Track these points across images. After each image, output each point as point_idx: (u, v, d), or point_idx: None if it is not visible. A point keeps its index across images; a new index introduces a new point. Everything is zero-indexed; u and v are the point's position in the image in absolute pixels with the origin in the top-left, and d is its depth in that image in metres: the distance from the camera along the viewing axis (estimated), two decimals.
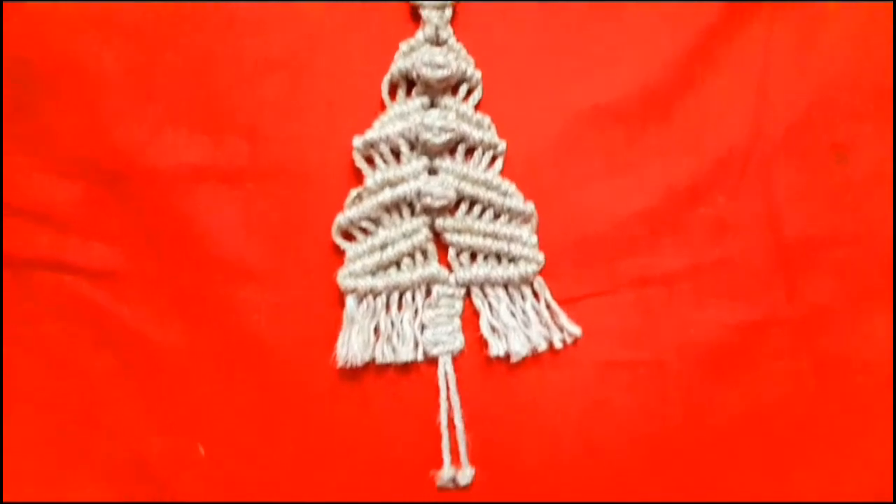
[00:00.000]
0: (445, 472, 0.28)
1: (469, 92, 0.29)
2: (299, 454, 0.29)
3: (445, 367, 0.28)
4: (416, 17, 0.29)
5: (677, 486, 0.29)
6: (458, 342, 0.29)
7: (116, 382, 0.29)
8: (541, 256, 0.29)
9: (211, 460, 0.29)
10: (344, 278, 0.28)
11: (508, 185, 0.29)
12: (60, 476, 0.29)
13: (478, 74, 0.29)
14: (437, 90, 0.29)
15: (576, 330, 0.29)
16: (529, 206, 0.29)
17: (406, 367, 0.29)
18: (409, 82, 0.29)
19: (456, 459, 0.29)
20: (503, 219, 0.29)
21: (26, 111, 0.29)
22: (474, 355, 0.29)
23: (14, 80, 0.28)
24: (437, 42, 0.29)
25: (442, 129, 0.28)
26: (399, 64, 0.29)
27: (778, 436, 0.29)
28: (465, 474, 0.28)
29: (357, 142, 0.28)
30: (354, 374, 0.28)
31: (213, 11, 0.29)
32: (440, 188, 0.28)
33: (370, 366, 0.28)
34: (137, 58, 0.29)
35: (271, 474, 0.29)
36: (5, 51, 0.28)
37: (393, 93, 0.29)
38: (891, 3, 0.31)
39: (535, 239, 0.29)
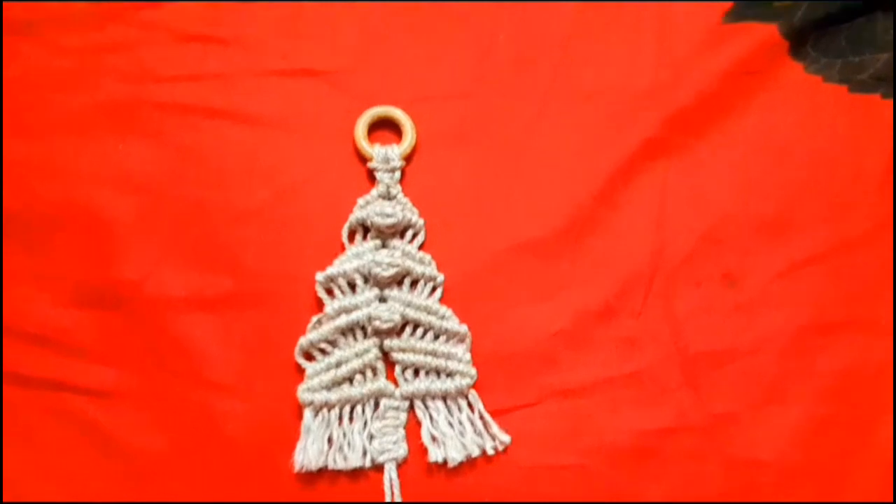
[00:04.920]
0: None
1: (414, 235, 0.35)
2: None
3: (391, 473, 0.32)
4: (371, 178, 0.36)
5: None
6: (402, 450, 0.32)
7: (111, 490, 0.32)
8: (474, 372, 0.33)
9: None
10: (303, 392, 0.33)
11: (446, 311, 0.34)
12: None
13: (421, 221, 0.35)
14: (388, 235, 0.35)
15: (506, 438, 0.33)
16: (464, 328, 0.34)
17: (356, 473, 0.32)
18: (365, 228, 0.35)
19: None
20: (442, 339, 0.34)
21: (40, 247, 0.35)
22: (417, 461, 0.33)
23: (30, 221, 0.35)
24: (388, 197, 0.36)
25: (390, 265, 0.34)
26: (357, 214, 0.35)
27: None
28: None
29: (319, 276, 0.34)
30: (310, 478, 0.32)
31: (205, 167, 0.36)
32: (388, 313, 0.33)
33: (324, 471, 0.32)
34: (139, 204, 0.35)
35: None
36: (24, 197, 0.35)
37: (351, 237, 0.35)
38: (772, 150, 0.37)
39: (469, 356, 0.34)
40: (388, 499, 0.32)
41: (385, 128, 0.37)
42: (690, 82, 0.37)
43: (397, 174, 0.36)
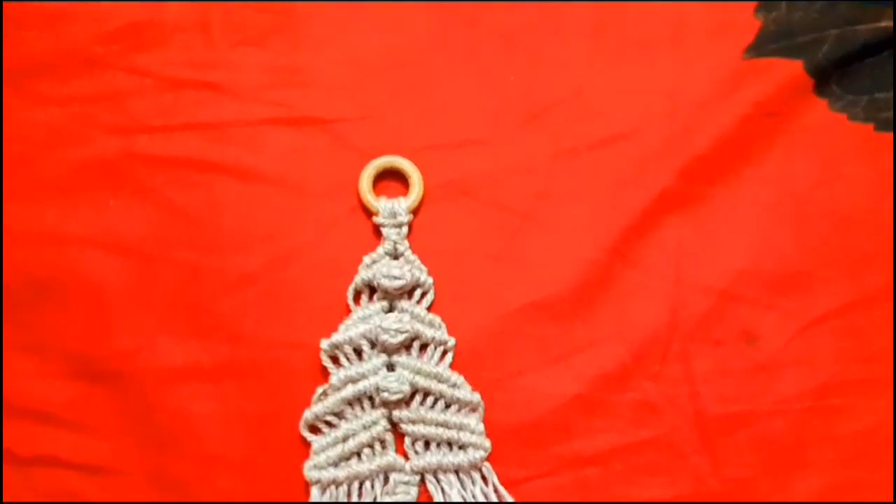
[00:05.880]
0: None
1: (423, 295, 0.34)
2: None
3: None
4: (378, 234, 0.34)
5: None
6: None
7: None
8: (488, 444, 0.32)
9: None
10: (309, 470, 0.31)
11: (458, 378, 0.33)
12: None
13: (430, 281, 0.34)
14: (395, 296, 0.33)
15: None
16: (476, 397, 0.33)
17: None
18: (371, 289, 0.34)
19: None
20: (453, 408, 0.33)
21: (28, 316, 0.33)
22: None
23: (17, 288, 0.33)
24: (395, 255, 0.34)
25: (398, 332, 0.32)
26: (362, 275, 0.33)
27: None
28: None
29: (324, 344, 0.33)
30: None
31: (201, 231, 0.34)
32: (397, 383, 0.32)
33: None
34: (131, 269, 0.33)
35: None
36: (11, 262, 0.33)
37: (357, 298, 0.34)
38: (793, 199, 0.35)
39: (482, 427, 0.32)
40: None
41: (390, 178, 0.35)
42: (708, 126, 0.35)
43: (405, 229, 0.34)
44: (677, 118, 0.36)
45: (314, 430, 0.32)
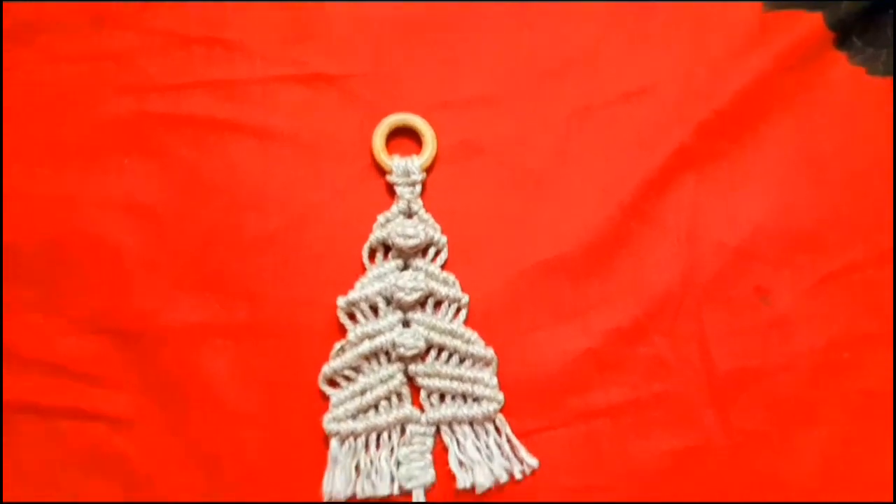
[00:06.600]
0: None
1: (436, 253, 0.34)
2: None
3: (419, 499, 0.32)
4: (391, 192, 0.35)
5: None
6: (429, 476, 0.32)
7: None
8: (501, 396, 0.33)
9: None
10: (329, 423, 0.32)
11: (471, 334, 0.33)
12: None
13: (444, 239, 0.34)
14: (409, 254, 0.34)
15: (534, 462, 0.32)
16: (490, 352, 0.33)
17: (384, 501, 0.32)
18: (386, 247, 0.34)
19: None
20: (467, 363, 0.33)
21: (57, 281, 0.33)
22: (445, 488, 0.32)
23: (47, 254, 0.33)
24: (409, 214, 0.34)
25: (413, 290, 0.33)
26: (377, 234, 0.34)
27: None
28: None
29: (341, 301, 0.33)
30: None
31: (217, 192, 0.34)
32: (412, 339, 0.33)
33: (352, 500, 0.32)
34: (148, 230, 0.34)
35: None
36: (31, 227, 0.33)
37: (372, 256, 0.34)
38: (810, 157, 0.35)
39: (495, 381, 0.33)
40: None
41: (403, 135, 0.35)
42: (726, 82, 0.35)
43: (418, 188, 0.34)
44: (695, 74, 0.35)
45: (332, 384, 0.33)
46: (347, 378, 0.33)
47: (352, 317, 0.33)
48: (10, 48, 0.34)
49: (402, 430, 0.33)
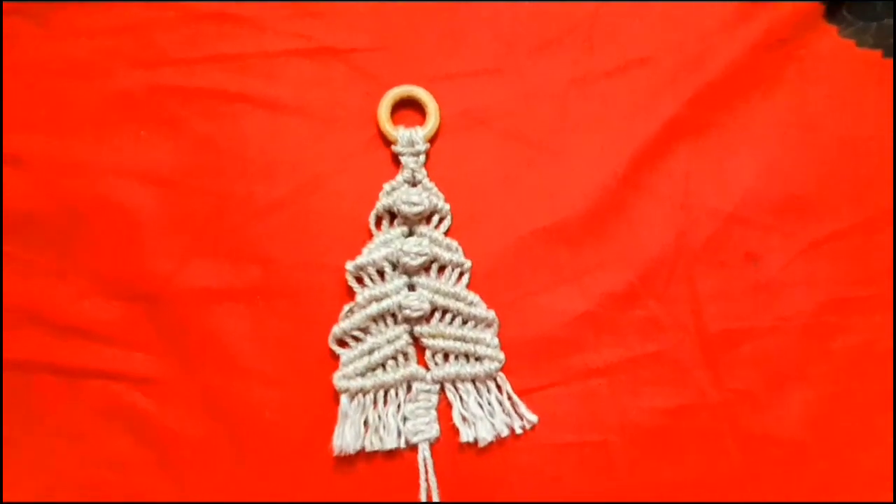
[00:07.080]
0: None
1: (440, 221, 0.36)
2: None
3: (424, 453, 0.33)
4: (396, 162, 0.36)
5: None
6: (434, 431, 0.34)
7: (148, 476, 0.33)
8: (502, 355, 0.34)
9: None
10: (339, 380, 0.34)
11: (474, 297, 0.35)
12: None
13: (447, 207, 0.35)
14: (414, 221, 0.35)
15: (533, 418, 0.34)
16: (491, 314, 0.35)
17: (391, 454, 0.34)
18: (392, 214, 0.36)
19: None
20: (470, 324, 0.35)
21: (77, 245, 0.35)
22: (449, 442, 0.34)
23: (66, 220, 0.35)
24: (413, 183, 0.35)
25: (418, 255, 0.34)
26: (383, 201, 0.35)
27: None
28: None
29: (349, 266, 0.35)
30: (349, 460, 0.33)
31: (228, 160, 0.35)
32: (417, 301, 0.34)
33: (361, 453, 0.34)
34: (163, 196, 0.35)
35: None
36: (59, 197, 0.35)
37: (378, 223, 0.36)
38: (801, 125, 0.36)
39: (496, 341, 0.35)
40: (422, 477, 0.33)
41: (407, 107, 0.36)
42: (718, 54, 0.36)
43: (422, 158, 0.35)
44: (688, 45, 0.37)
45: (342, 344, 0.34)
46: (356, 338, 0.34)
47: (359, 280, 0.35)
48: (28, 23, 0.36)
49: (409, 388, 0.34)
